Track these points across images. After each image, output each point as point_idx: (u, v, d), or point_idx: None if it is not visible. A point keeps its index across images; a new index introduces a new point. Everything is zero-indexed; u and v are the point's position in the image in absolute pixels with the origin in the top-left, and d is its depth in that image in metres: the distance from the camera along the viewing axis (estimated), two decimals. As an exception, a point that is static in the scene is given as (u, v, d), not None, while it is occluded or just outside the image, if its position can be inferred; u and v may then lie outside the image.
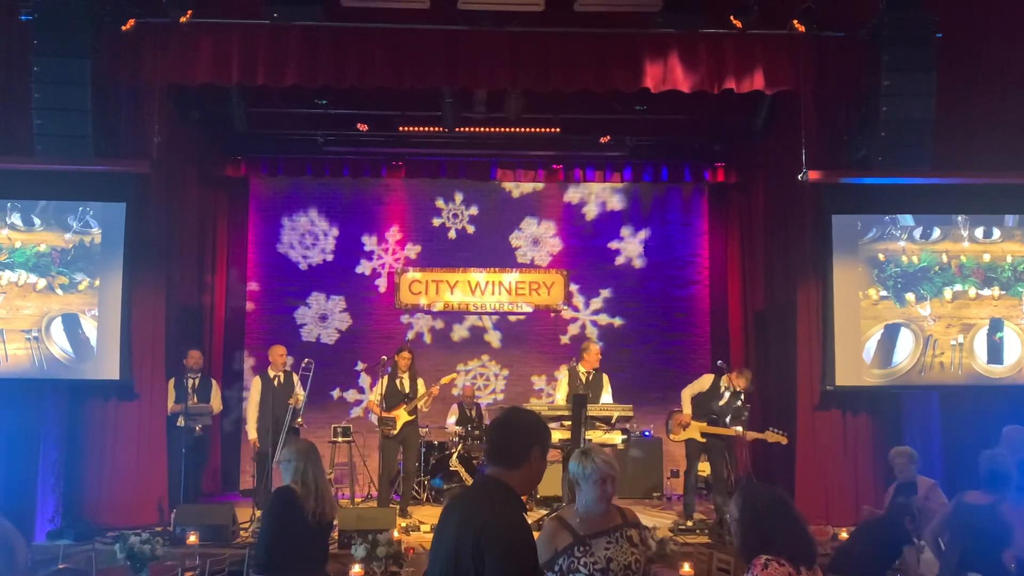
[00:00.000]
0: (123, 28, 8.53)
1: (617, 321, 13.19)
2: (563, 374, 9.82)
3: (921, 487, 6.86)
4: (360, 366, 12.96)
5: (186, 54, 8.76)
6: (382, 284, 13.12)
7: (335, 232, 13.14)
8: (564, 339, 12.98)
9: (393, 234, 13.17)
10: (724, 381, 9.45)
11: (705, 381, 9.55)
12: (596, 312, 13.22)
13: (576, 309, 13.22)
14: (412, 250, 13.18)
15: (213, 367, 12.07)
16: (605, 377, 9.69)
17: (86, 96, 8.30)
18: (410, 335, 13.03)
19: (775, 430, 9.18)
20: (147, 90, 9.05)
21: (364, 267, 13.13)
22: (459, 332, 13.15)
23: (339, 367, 12.86)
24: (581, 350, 9.80)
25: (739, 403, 9.35)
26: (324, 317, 13.04)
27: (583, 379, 9.53)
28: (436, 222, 13.25)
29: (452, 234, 13.22)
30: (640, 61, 8.94)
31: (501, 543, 2.79)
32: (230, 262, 12.77)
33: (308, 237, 13.11)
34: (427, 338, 13.04)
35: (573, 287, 13.21)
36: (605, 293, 13.23)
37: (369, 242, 13.16)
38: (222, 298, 12.54)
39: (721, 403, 9.36)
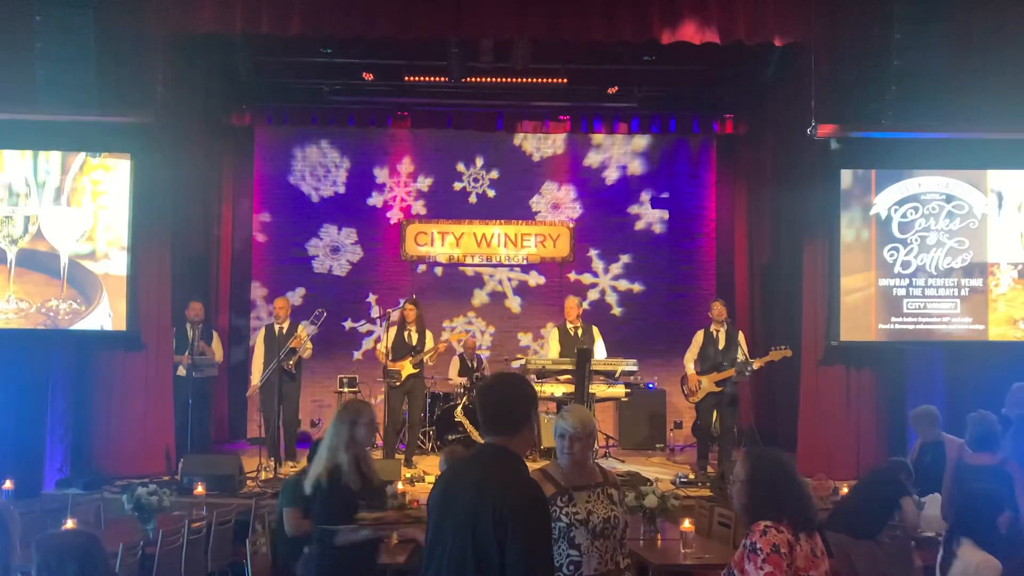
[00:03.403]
0: (125, -24, 8.44)
1: (636, 287, 13.16)
2: (551, 332, 9.84)
3: (951, 447, 6.69)
4: (371, 297, 12.98)
5: (190, 3, 8.70)
6: (393, 216, 13.09)
7: (347, 164, 13.09)
8: (584, 304, 12.78)
9: (405, 166, 13.13)
10: (713, 327, 9.58)
11: (698, 337, 9.68)
12: (616, 277, 13.19)
13: (596, 274, 13.18)
14: (424, 183, 13.13)
15: (221, 302, 12.20)
16: (595, 329, 9.76)
17: (89, 46, 8.29)
18: (419, 271, 13.05)
19: (776, 347, 9.33)
20: (151, 39, 8.95)
21: (376, 199, 13.10)
22: (463, 283, 13.13)
23: (350, 299, 12.92)
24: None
25: (738, 339, 9.45)
26: (336, 249, 13.04)
27: (572, 334, 9.57)
28: (457, 186, 13.15)
29: (473, 198, 13.14)
30: (649, 12, 8.86)
31: (525, 518, 2.83)
32: (236, 207, 12.76)
33: (320, 168, 13.06)
34: (431, 288, 13.00)
35: (592, 252, 13.15)
36: (625, 258, 13.17)
37: (381, 174, 13.12)
38: (228, 241, 12.56)
39: (720, 347, 9.45)
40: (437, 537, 3.03)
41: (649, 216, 13.22)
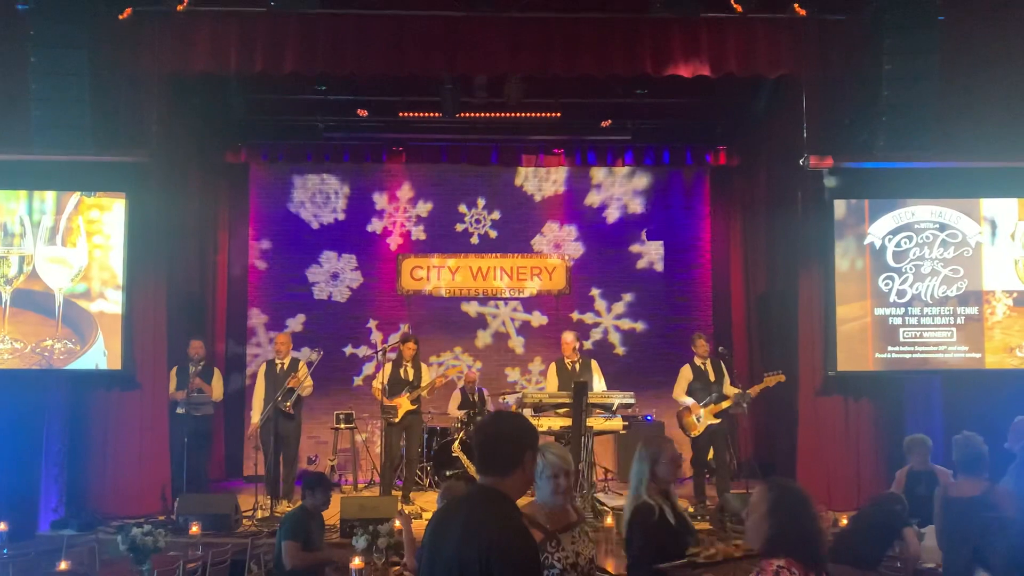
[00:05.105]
0: (120, 17, 8.54)
1: (639, 325, 13.10)
2: (550, 366, 9.82)
3: (941, 477, 6.71)
4: (372, 323, 12.94)
5: (184, 42, 8.78)
6: (393, 243, 13.06)
7: (346, 191, 13.06)
8: (588, 343, 12.71)
9: (405, 193, 13.11)
10: (698, 360, 9.60)
11: (685, 372, 9.68)
12: (619, 316, 13.13)
13: (599, 314, 13.12)
14: (423, 208, 13.10)
15: (218, 331, 12.17)
16: (594, 363, 9.72)
17: (84, 86, 8.33)
18: (416, 304, 13.01)
19: (770, 373, 9.33)
20: (145, 79, 9.02)
21: (375, 226, 13.07)
22: (459, 318, 13.09)
23: (350, 325, 12.91)
24: None
25: (723, 370, 9.46)
26: (336, 276, 13.01)
27: (570, 368, 9.55)
28: (459, 227, 13.13)
29: (475, 239, 13.12)
30: (641, 46, 8.96)
31: (511, 564, 2.78)
32: (233, 236, 12.76)
33: (319, 196, 13.04)
34: (427, 322, 12.92)
35: (595, 291, 13.11)
36: (627, 296, 13.13)
37: (380, 201, 13.10)
38: (225, 269, 12.54)
39: (712, 379, 9.45)
40: None
41: (648, 251, 13.18)
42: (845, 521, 7.24)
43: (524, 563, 2.82)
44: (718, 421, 9.38)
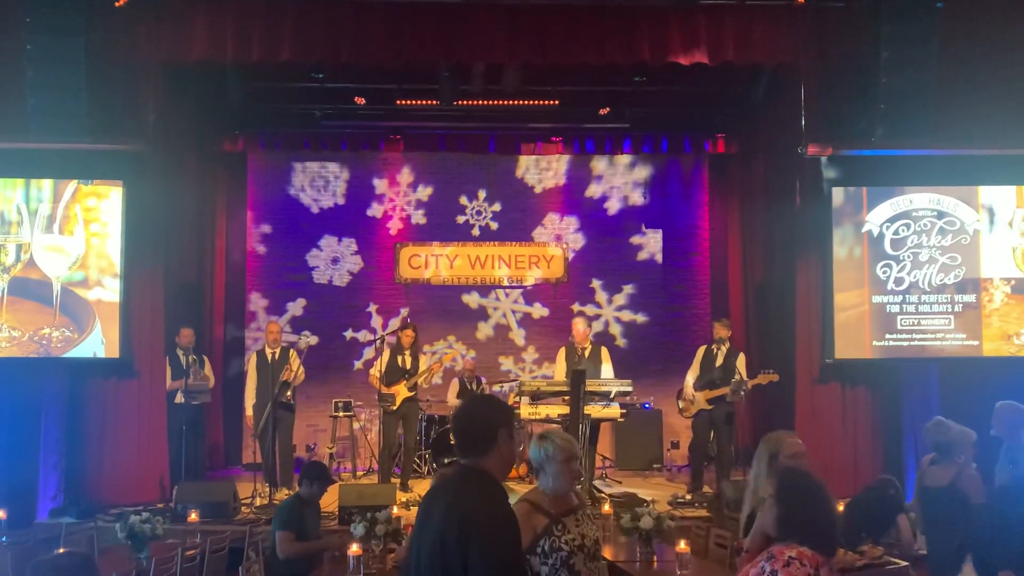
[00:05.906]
0: (117, 4, 8.50)
1: (640, 317, 13.09)
2: (560, 352, 9.84)
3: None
4: (372, 307, 12.94)
5: (181, 31, 8.75)
6: (393, 227, 13.05)
7: (345, 175, 13.07)
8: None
9: (404, 182, 13.12)
10: (714, 345, 9.63)
11: (699, 352, 9.76)
12: (620, 308, 13.12)
13: (599, 305, 13.10)
14: (424, 192, 13.11)
15: (216, 315, 12.17)
16: (604, 350, 9.76)
17: (81, 74, 8.33)
18: (413, 293, 13.01)
19: (765, 371, 9.39)
20: (142, 67, 8.99)
21: (375, 210, 13.07)
22: (457, 306, 13.08)
23: (351, 309, 12.92)
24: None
25: (735, 362, 9.44)
26: (336, 260, 13.00)
27: (579, 354, 9.56)
28: (460, 219, 13.12)
29: (476, 231, 13.10)
30: (639, 34, 8.93)
31: (486, 534, 2.84)
32: (232, 221, 12.76)
33: (319, 180, 13.05)
34: (424, 312, 12.91)
35: (596, 282, 13.08)
36: (628, 288, 13.11)
37: (379, 187, 13.10)
38: (223, 254, 12.53)
39: (718, 364, 9.48)
40: (415, 559, 3.06)
41: (647, 242, 13.17)
42: (841, 508, 7.25)
43: (501, 538, 2.89)
44: (710, 408, 9.41)
